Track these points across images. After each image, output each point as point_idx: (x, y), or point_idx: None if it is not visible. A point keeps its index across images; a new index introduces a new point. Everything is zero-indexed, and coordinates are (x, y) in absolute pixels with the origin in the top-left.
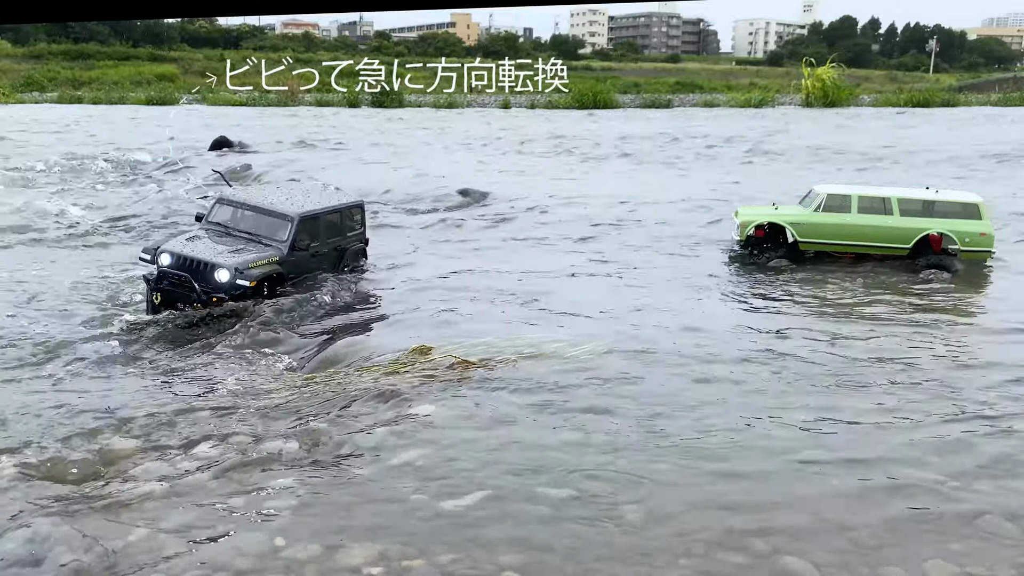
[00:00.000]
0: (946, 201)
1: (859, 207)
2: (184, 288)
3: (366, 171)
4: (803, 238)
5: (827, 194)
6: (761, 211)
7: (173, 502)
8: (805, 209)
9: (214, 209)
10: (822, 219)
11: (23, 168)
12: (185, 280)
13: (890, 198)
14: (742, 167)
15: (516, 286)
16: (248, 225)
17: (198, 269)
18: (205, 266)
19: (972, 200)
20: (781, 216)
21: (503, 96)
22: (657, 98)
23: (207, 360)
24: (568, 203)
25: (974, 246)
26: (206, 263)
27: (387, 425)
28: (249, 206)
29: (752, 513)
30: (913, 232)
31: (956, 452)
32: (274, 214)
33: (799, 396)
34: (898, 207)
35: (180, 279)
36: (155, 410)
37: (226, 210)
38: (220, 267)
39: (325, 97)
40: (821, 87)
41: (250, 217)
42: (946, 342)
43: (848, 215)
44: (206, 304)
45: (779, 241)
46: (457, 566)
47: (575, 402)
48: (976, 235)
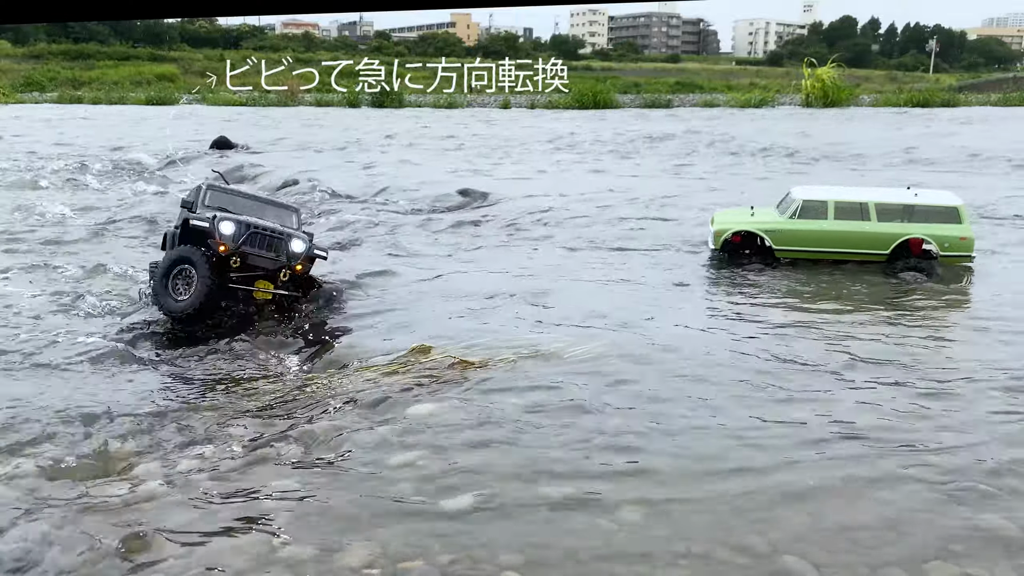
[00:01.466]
0: (925, 205)
1: (836, 212)
2: (272, 251)
3: (366, 171)
4: (779, 246)
5: (803, 200)
6: (737, 217)
7: (173, 502)
8: (781, 215)
9: (205, 194)
10: (798, 226)
11: (22, 168)
12: (274, 241)
13: (868, 203)
14: (744, 167)
15: (516, 286)
16: (256, 214)
17: (267, 238)
18: (278, 235)
19: (951, 204)
20: (756, 224)
21: (503, 96)
22: (657, 98)
23: (207, 360)
24: (569, 203)
25: (954, 251)
26: (280, 232)
27: (387, 425)
28: (245, 195)
29: (752, 513)
30: (892, 238)
31: (956, 452)
32: (278, 204)
33: (799, 396)
34: (876, 212)
35: (270, 238)
36: (155, 410)
37: (220, 196)
38: (294, 237)
39: (325, 97)
40: (821, 87)
41: (252, 206)
42: (937, 342)
43: (825, 221)
44: (281, 273)
45: (756, 246)
46: (456, 566)
47: (575, 402)
48: (956, 240)
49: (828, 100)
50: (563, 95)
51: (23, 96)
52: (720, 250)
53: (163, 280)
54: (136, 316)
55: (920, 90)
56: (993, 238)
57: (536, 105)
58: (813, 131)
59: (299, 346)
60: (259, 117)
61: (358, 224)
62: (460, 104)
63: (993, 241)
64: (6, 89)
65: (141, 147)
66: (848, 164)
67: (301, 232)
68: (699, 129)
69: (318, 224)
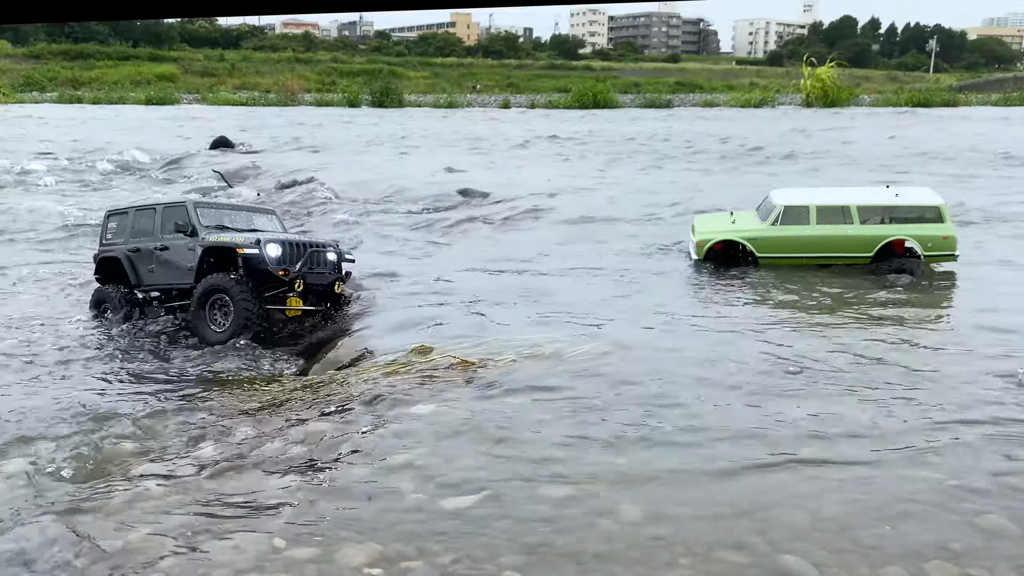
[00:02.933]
0: (906, 206)
1: (818, 217)
2: (321, 267)
3: (365, 171)
4: (762, 253)
5: (784, 206)
6: (718, 224)
7: (173, 502)
8: (762, 221)
9: (198, 213)
10: (780, 232)
11: (21, 168)
12: (316, 254)
13: (849, 206)
14: (748, 168)
15: (516, 286)
16: (243, 222)
17: (307, 253)
18: (318, 247)
19: (933, 203)
20: (738, 232)
21: (503, 96)
22: (657, 98)
23: (207, 360)
24: (569, 203)
25: (937, 250)
26: (318, 244)
27: (387, 425)
28: (228, 206)
29: (752, 512)
30: (875, 240)
31: (956, 452)
32: (259, 210)
33: (798, 396)
34: (858, 215)
35: (314, 252)
36: (155, 410)
37: (211, 213)
38: (329, 247)
39: (325, 97)
40: (821, 87)
41: (240, 216)
42: (932, 342)
43: (807, 227)
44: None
45: (738, 252)
46: (457, 566)
47: (575, 402)
48: (939, 239)
49: (828, 100)
50: (563, 95)
51: (23, 96)
52: (703, 260)
53: (199, 311)
54: (135, 309)
55: (920, 90)
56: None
57: (536, 105)
58: (814, 130)
59: (299, 346)
60: (259, 117)
61: (358, 224)
62: (460, 104)
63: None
64: (6, 89)
65: (141, 147)
66: (843, 163)
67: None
68: (700, 130)
69: (318, 224)
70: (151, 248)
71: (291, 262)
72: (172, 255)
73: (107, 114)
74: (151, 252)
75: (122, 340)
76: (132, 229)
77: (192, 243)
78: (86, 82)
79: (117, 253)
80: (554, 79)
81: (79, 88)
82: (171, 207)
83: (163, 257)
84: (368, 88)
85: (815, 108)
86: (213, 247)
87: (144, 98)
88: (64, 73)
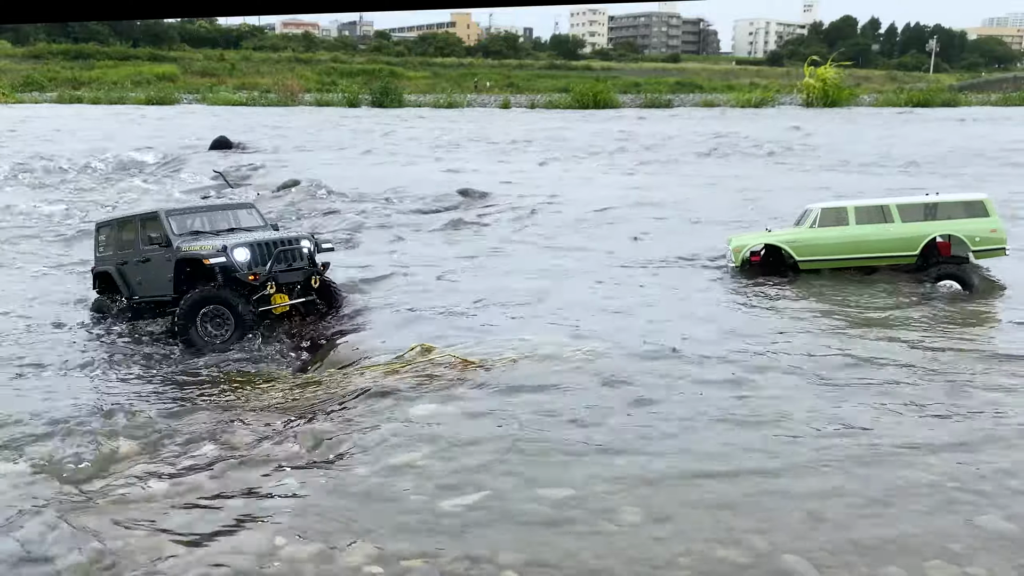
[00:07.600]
0: (949, 202)
1: (857, 217)
2: (295, 262)
3: (365, 171)
4: (802, 257)
5: (821, 209)
6: (753, 237)
7: (173, 502)
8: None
9: (170, 222)
10: (819, 234)
11: (23, 168)
12: (289, 251)
13: (889, 205)
14: (748, 168)
15: (516, 286)
16: (224, 222)
17: (275, 252)
18: (288, 243)
19: (977, 197)
20: (776, 237)
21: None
22: (657, 98)
23: (207, 360)
24: (569, 204)
25: (985, 244)
26: (287, 240)
27: (387, 425)
28: (197, 209)
29: (752, 513)
30: (918, 238)
31: (957, 452)
32: (235, 206)
33: (798, 397)
34: (898, 214)
35: (286, 250)
36: (155, 410)
37: (184, 220)
38: (302, 238)
39: (325, 97)
40: (822, 87)
41: (217, 217)
42: (937, 342)
43: (847, 228)
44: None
45: (778, 264)
46: (457, 566)
47: (575, 402)
48: (986, 232)
49: (829, 100)
50: (563, 95)
51: (23, 96)
52: (740, 267)
53: (187, 324)
54: (136, 316)
55: (920, 90)
56: None
57: (536, 105)
58: (815, 131)
59: (299, 346)
60: (259, 117)
61: (358, 224)
62: (460, 104)
63: None
64: (6, 89)
65: (140, 147)
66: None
67: (306, 232)
68: (700, 130)
69: (318, 224)
70: (135, 261)
71: (262, 263)
72: (153, 267)
73: (107, 114)
74: (136, 265)
75: (122, 341)
76: (118, 241)
77: (169, 253)
78: (86, 82)
79: (109, 267)
80: (554, 79)
81: (79, 88)
82: (146, 218)
83: (146, 269)
84: (368, 88)
85: (816, 108)
86: (186, 258)
87: (144, 98)
88: (64, 73)
